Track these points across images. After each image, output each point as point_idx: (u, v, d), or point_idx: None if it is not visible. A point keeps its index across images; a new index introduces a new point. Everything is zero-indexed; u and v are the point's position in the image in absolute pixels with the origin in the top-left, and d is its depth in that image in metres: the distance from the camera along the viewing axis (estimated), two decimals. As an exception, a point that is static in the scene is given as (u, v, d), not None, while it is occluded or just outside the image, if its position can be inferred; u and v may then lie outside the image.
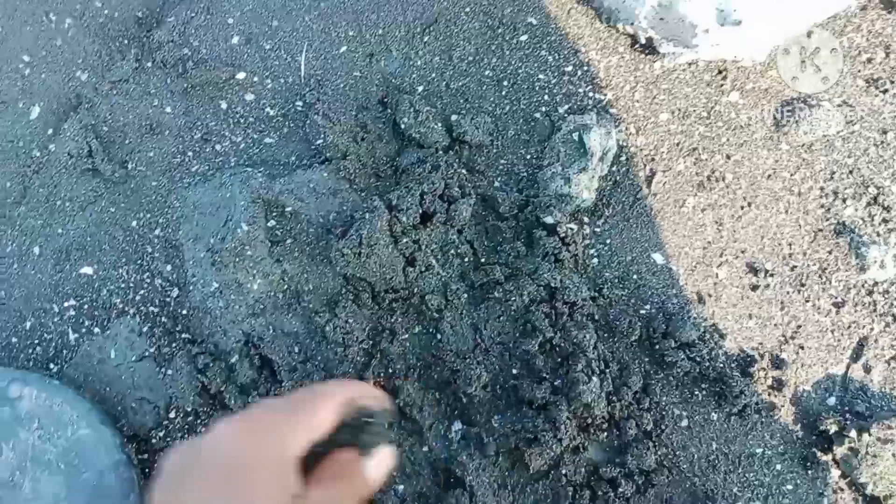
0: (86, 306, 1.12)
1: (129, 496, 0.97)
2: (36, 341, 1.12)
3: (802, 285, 1.05)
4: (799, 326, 1.04)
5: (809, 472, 1.01)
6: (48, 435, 0.98)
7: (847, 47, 1.10)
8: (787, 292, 1.05)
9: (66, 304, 1.13)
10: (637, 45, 1.11)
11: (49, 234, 1.14)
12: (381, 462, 0.65)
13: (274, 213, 1.07)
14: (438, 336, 1.06)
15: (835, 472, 1.00)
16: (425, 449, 1.03)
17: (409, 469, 1.02)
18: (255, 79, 1.14)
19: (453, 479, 1.00)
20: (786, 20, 1.03)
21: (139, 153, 1.15)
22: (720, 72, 1.10)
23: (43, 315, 1.13)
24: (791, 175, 1.07)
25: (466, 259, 1.08)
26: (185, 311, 1.11)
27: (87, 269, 1.13)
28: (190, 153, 1.14)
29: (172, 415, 1.07)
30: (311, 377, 1.02)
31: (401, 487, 1.01)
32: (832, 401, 1.02)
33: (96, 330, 1.12)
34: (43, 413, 0.99)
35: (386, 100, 1.14)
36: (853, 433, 0.98)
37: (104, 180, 1.15)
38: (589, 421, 1.00)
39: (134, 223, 1.14)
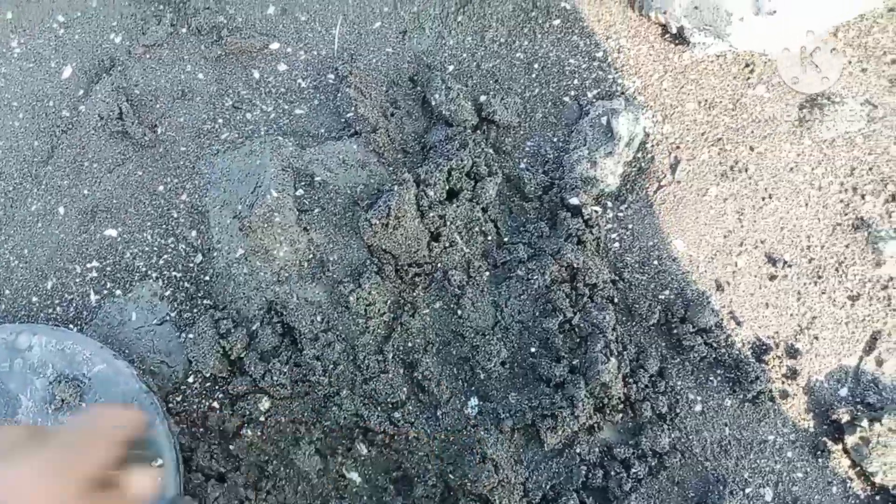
0: (108, 268, 1.13)
1: (155, 422, 0.98)
2: (56, 301, 1.13)
3: (819, 277, 1.06)
4: (814, 317, 1.06)
5: (820, 460, 1.02)
6: (64, 377, 0.99)
7: (872, 47, 1.12)
8: (804, 283, 1.06)
9: (88, 266, 1.13)
10: (667, 35, 1.13)
11: (75, 194, 1.15)
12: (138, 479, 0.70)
13: (302, 183, 1.08)
14: (459, 312, 1.07)
15: (844, 462, 1.02)
16: (447, 421, 1.04)
17: (426, 440, 1.03)
18: (289, 49, 1.15)
19: (478, 453, 1.01)
20: (815, 16, 1.05)
21: (169, 118, 1.15)
22: (748, 65, 1.12)
23: (65, 275, 1.13)
24: (812, 169, 1.09)
25: (490, 237, 1.09)
26: (207, 278, 1.11)
27: (112, 232, 1.14)
28: (220, 120, 1.15)
29: (191, 380, 1.08)
30: (333, 346, 1.03)
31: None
32: (844, 392, 1.04)
33: (118, 292, 1.12)
34: (55, 358, 1.00)
35: (416, 77, 1.15)
36: (865, 423, 1.00)
37: (133, 143, 1.15)
38: (605, 401, 1.01)
39: (161, 187, 1.14)
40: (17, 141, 1.17)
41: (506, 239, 1.10)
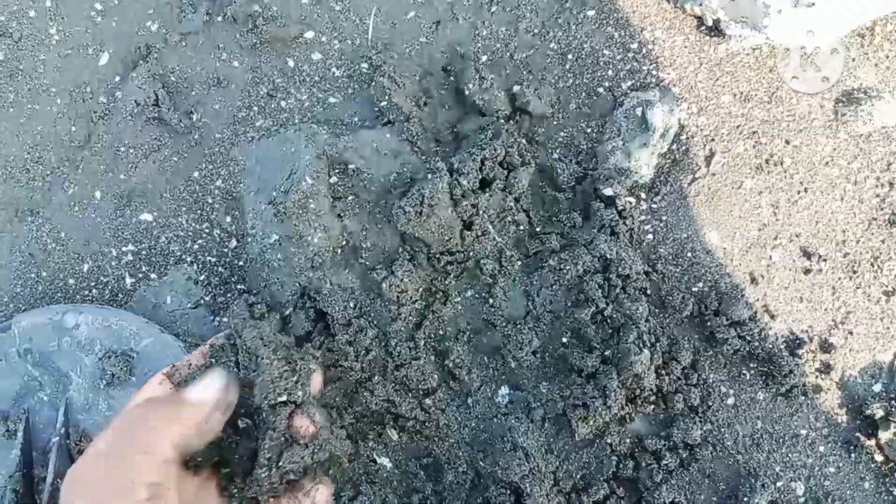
0: (144, 252, 1.14)
1: None
2: (92, 284, 1.14)
3: (854, 272, 1.06)
4: (849, 312, 1.05)
5: (852, 455, 1.02)
6: (112, 353, 1.01)
7: (911, 41, 1.11)
8: (839, 278, 1.06)
9: (124, 249, 1.15)
10: (703, 28, 1.12)
11: (111, 179, 1.16)
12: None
13: (336, 170, 1.09)
14: (490, 301, 1.07)
15: (878, 457, 1.01)
16: (478, 410, 1.04)
17: (456, 427, 1.04)
18: (324, 39, 1.16)
19: (508, 441, 1.01)
20: (853, 9, 1.04)
21: (205, 105, 1.16)
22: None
23: (101, 258, 1.15)
24: (848, 164, 1.08)
25: (522, 227, 1.09)
26: (241, 263, 1.12)
27: (147, 216, 1.15)
28: (255, 108, 1.16)
29: (223, 363, 1.08)
30: (365, 332, 1.04)
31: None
32: (878, 387, 1.03)
33: (153, 276, 1.14)
34: (102, 335, 1.02)
35: (450, 67, 1.15)
36: (900, 419, 0.99)
37: (169, 130, 1.17)
38: (637, 392, 1.01)
39: (196, 174, 1.16)
40: (55, 126, 1.19)
41: (538, 229, 1.10)
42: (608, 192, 1.06)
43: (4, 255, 1.17)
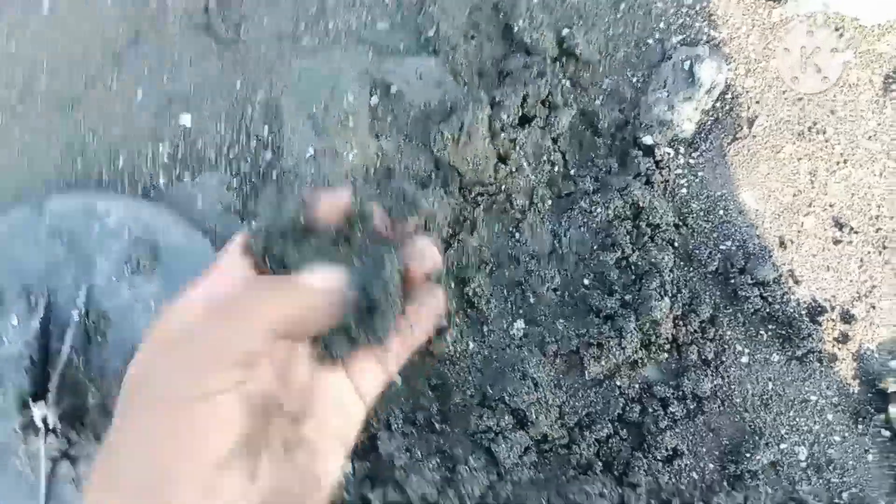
0: (179, 154, 1.16)
1: None
2: (126, 179, 1.16)
3: (884, 248, 1.05)
4: (874, 286, 1.05)
5: (860, 426, 1.02)
6: (140, 241, 1.02)
7: (969, 25, 1.09)
8: (868, 252, 1.05)
9: (160, 149, 1.16)
10: (760, -11, 1.11)
11: (155, 80, 1.18)
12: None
13: (378, 92, 1.09)
14: (517, 236, 1.08)
15: (885, 432, 1.01)
16: (492, 339, 1.05)
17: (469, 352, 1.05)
18: (379, -39, 1.17)
19: (519, 371, 1.02)
20: (916, -16, 1.03)
21: (254, 18, 1.17)
22: (837, 28, 1.10)
23: (137, 156, 1.16)
24: (891, 140, 1.07)
25: (557, 168, 1.10)
26: (275, 175, 1.13)
27: (186, 120, 1.16)
28: (303, 25, 1.16)
29: (246, 270, 1.10)
30: (390, 253, 1.05)
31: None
32: (894, 364, 1.03)
33: (186, 178, 1.15)
34: (132, 223, 1.03)
35: (500, 4, 1.15)
36: (912, 394, 0.99)
37: (216, 39, 1.17)
38: (652, 339, 1.02)
39: (238, 84, 1.16)
40: (104, 24, 1.20)
41: (572, 171, 1.10)
42: (648, 140, 1.06)
43: (42, 143, 1.18)
